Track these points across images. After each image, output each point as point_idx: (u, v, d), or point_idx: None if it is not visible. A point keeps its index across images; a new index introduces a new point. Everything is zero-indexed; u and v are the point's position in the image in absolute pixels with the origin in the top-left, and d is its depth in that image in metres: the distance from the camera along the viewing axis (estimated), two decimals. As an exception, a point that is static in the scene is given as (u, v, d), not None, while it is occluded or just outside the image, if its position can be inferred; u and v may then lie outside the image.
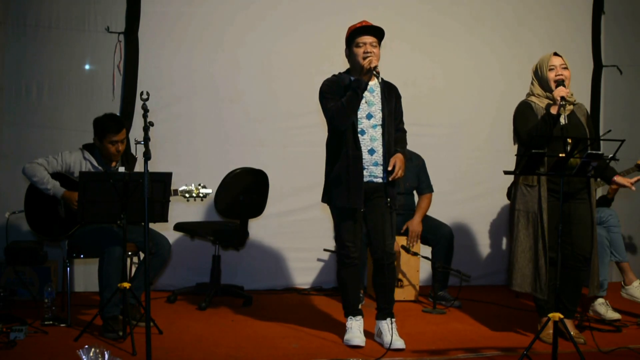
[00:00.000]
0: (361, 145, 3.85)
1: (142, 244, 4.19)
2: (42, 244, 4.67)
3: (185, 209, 5.12)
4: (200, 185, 4.33)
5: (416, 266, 5.15)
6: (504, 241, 5.94)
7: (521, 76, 5.02)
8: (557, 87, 3.92)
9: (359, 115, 3.88)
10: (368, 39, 3.85)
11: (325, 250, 5.41)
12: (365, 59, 3.81)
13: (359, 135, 3.86)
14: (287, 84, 5.48)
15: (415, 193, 5.29)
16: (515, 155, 4.12)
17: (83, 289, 5.08)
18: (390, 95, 3.97)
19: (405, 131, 4.07)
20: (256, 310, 4.71)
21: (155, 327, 4.01)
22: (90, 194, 3.83)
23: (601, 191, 5.45)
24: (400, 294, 4.97)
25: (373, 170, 3.89)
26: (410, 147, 4.25)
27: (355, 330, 3.94)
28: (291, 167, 5.47)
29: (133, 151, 4.28)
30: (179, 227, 4.99)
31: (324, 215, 4.85)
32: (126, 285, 3.82)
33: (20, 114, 5.01)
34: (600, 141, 4.54)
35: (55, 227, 4.26)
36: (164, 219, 4.00)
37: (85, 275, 5.08)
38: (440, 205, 5.42)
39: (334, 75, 4.00)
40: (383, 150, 3.89)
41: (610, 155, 3.51)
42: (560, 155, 3.50)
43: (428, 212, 5.22)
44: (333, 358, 3.68)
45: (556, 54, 4.07)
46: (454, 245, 5.14)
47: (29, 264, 4.63)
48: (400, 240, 4.96)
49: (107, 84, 5.12)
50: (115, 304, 3.96)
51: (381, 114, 3.90)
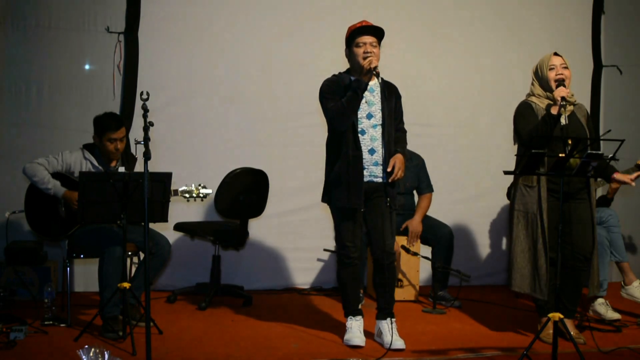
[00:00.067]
0: (361, 145, 3.85)
1: (142, 244, 4.18)
2: (42, 244, 4.69)
3: (185, 209, 5.12)
4: (200, 185, 4.32)
5: (416, 266, 5.14)
6: (504, 241, 5.93)
7: (521, 76, 5.02)
8: (558, 87, 3.92)
9: (359, 115, 3.87)
10: (368, 39, 3.85)
11: (325, 250, 5.41)
12: (365, 59, 3.81)
13: (359, 135, 3.86)
14: (287, 84, 5.48)
15: (415, 193, 5.29)
16: (515, 156, 4.12)
17: (83, 289, 5.07)
18: (390, 95, 3.96)
19: (405, 131, 4.07)
20: (256, 310, 4.71)
21: (155, 327, 4.01)
22: (90, 194, 3.83)
23: (601, 191, 5.44)
24: (400, 294, 4.96)
25: (373, 170, 3.89)
26: (410, 147, 4.25)
27: (355, 330, 3.94)
28: (291, 167, 5.47)
29: (133, 151, 4.28)
30: (179, 227, 4.99)
31: (324, 215, 4.84)
32: (126, 285, 3.82)
33: (20, 114, 5.01)
34: (600, 141, 4.53)
35: (55, 227, 4.25)
36: (164, 219, 4.00)
37: (85, 275, 5.07)
38: (440, 205, 5.42)
39: (334, 75, 4.00)
40: (383, 150, 3.89)
41: (610, 155, 3.51)
42: (560, 155, 3.50)
43: (428, 212, 5.22)
44: (333, 358, 3.68)
45: (556, 53, 4.07)
46: (454, 245, 5.14)
47: (29, 264, 4.63)
48: (400, 240, 4.95)
49: (107, 84, 5.11)
50: (115, 304, 3.96)
51: (381, 113, 3.90)
